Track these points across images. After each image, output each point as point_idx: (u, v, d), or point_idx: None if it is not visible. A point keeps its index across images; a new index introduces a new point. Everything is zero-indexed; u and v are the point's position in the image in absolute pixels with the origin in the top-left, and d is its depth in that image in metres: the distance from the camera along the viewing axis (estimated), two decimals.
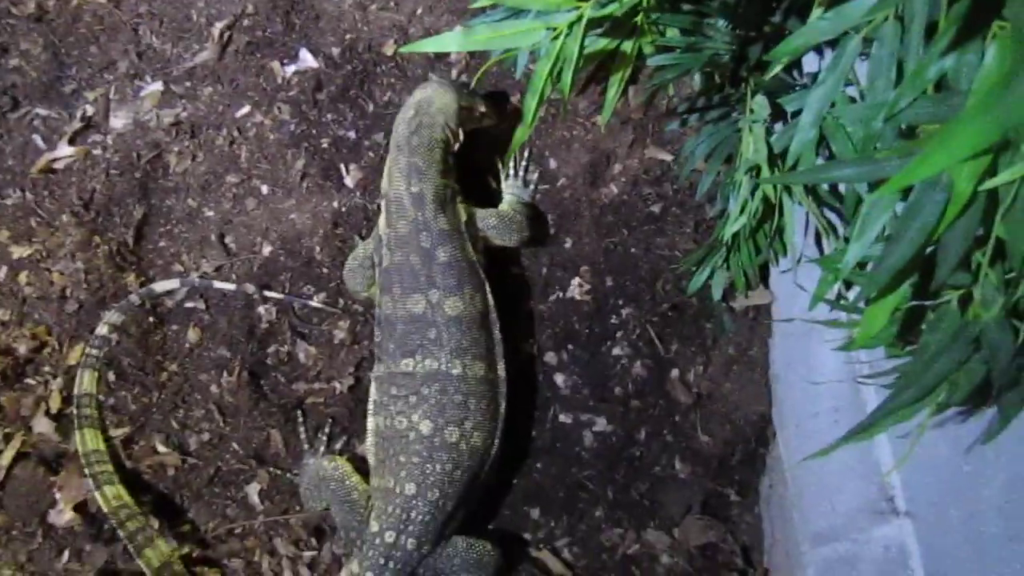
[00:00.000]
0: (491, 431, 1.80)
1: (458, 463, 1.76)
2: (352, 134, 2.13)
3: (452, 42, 1.22)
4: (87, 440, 1.90)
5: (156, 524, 1.96)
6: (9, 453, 1.92)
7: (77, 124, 2.12)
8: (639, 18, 1.50)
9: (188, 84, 2.17)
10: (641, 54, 1.54)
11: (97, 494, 1.85)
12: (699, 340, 1.97)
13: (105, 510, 1.85)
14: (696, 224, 1.97)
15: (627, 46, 1.52)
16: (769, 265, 1.88)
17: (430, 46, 1.22)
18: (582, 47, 1.30)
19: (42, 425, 1.94)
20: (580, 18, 1.30)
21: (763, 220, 1.71)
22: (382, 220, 1.89)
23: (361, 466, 1.89)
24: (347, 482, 1.84)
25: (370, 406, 1.88)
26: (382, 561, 1.74)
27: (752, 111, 1.56)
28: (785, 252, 1.80)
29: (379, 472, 1.82)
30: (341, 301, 2.04)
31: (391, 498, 1.76)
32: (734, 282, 1.90)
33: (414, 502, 1.74)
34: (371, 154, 2.10)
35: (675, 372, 1.97)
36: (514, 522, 1.99)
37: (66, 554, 1.93)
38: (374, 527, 1.76)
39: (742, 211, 1.67)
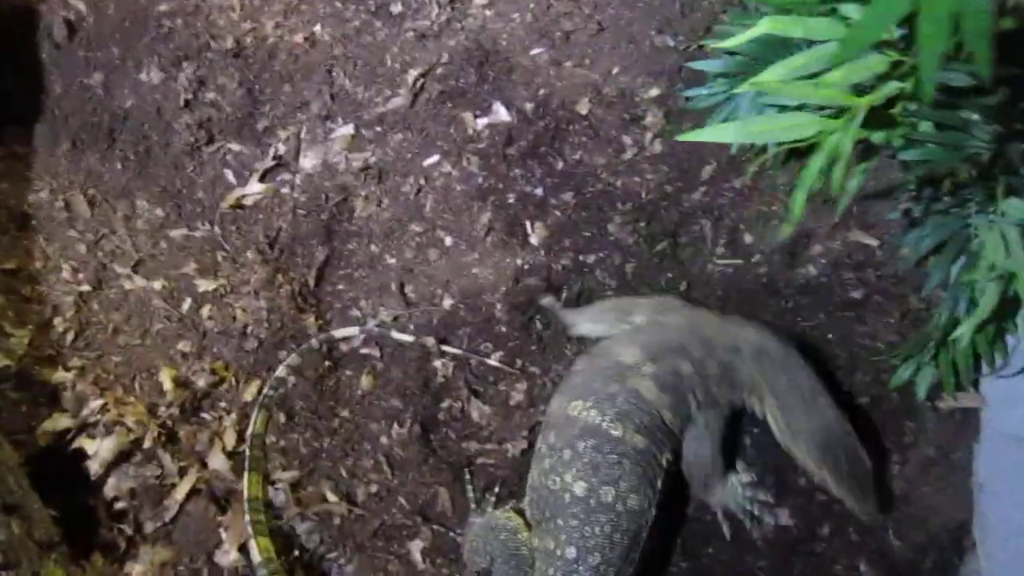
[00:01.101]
0: (647, 495, 1.74)
1: (616, 525, 1.71)
2: (539, 191, 2.14)
3: (730, 133, 1.20)
4: (252, 484, 1.92)
5: (317, 574, 1.96)
6: (184, 487, 1.96)
7: (269, 162, 2.18)
8: (896, 109, 1.46)
9: (379, 129, 2.21)
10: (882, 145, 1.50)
11: (252, 542, 1.87)
12: (895, 438, 1.90)
13: (256, 560, 1.85)
14: (902, 315, 1.91)
15: (878, 136, 1.48)
16: (982, 367, 1.80)
17: (708, 135, 1.21)
18: (855, 142, 1.27)
19: (217, 462, 1.98)
20: (855, 115, 1.27)
21: (987, 322, 1.65)
22: None
23: None
24: (518, 535, 1.83)
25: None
26: None
27: (1003, 213, 1.51)
28: (1006, 355, 1.74)
29: (538, 533, 1.79)
30: (519, 362, 2.03)
31: (551, 560, 1.72)
32: (942, 381, 1.83)
33: (575, 566, 1.70)
34: (557, 213, 2.11)
35: None
36: None
37: None
38: None
39: (971, 312, 1.61)
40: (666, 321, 1.84)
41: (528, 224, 2.13)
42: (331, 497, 2.02)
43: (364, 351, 2.11)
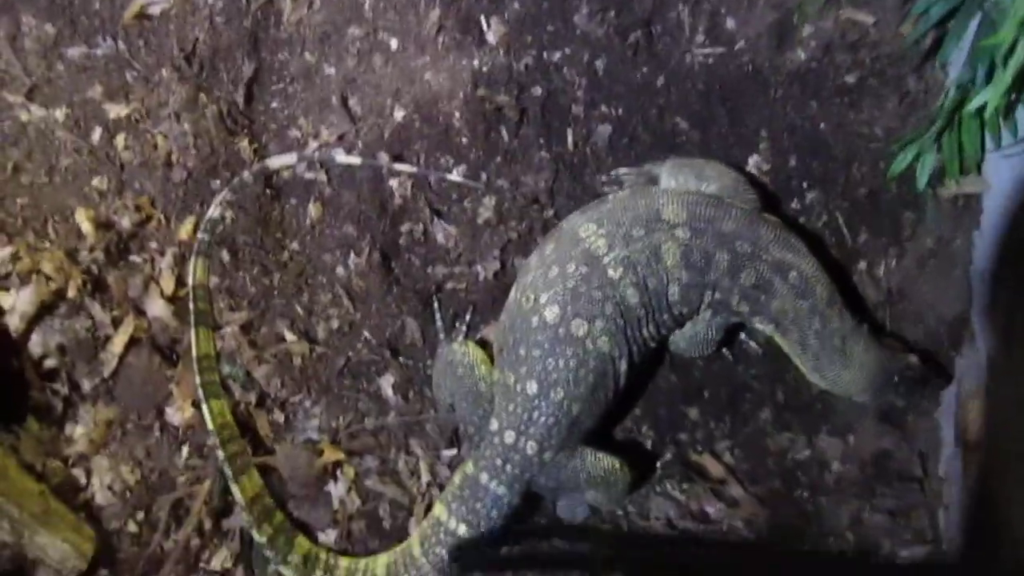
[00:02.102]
0: (620, 347, 1.61)
1: (582, 361, 1.58)
2: None
3: None
4: (200, 341, 1.72)
5: (283, 418, 1.81)
6: (121, 339, 1.77)
7: None
8: None
9: None
10: None
11: (204, 406, 1.69)
12: (894, 230, 1.80)
13: (209, 426, 1.71)
14: (900, 99, 1.77)
15: None
16: (986, 148, 1.68)
17: None
18: None
19: (156, 308, 1.79)
20: None
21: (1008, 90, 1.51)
22: None
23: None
24: (476, 371, 1.69)
25: None
26: (499, 463, 1.63)
27: None
28: (1016, 130, 1.61)
29: (500, 364, 1.65)
30: (484, 175, 1.83)
31: (512, 396, 1.59)
32: (945, 166, 1.71)
33: (536, 402, 1.58)
34: (515, 5, 1.89)
35: (863, 264, 1.82)
36: (671, 421, 1.88)
37: (185, 450, 1.79)
38: (493, 425, 1.63)
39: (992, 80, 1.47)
40: (730, 204, 1.65)
41: (483, 20, 1.89)
42: (288, 336, 1.84)
43: (309, 176, 1.90)
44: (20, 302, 1.70)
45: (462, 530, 1.63)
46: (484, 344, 1.79)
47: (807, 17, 1.74)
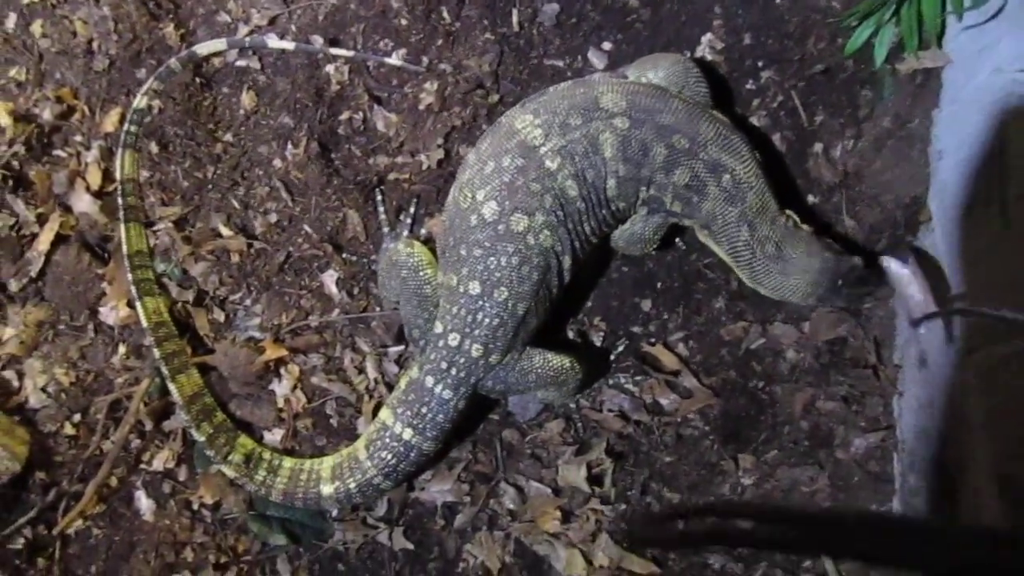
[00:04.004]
0: (563, 241, 1.54)
1: (525, 258, 1.52)
2: None
3: None
4: (132, 238, 1.64)
5: (223, 317, 1.75)
6: (47, 236, 1.69)
7: None
8: None
9: None
10: None
11: (138, 305, 1.62)
12: (851, 110, 1.75)
13: (144, 324, 1.64)
14: None
15: None
16: (946, 20, 1.60)
17: None
18: None
19: (83, 204, 1.71)
20: None
21: None
22: None
23: None
24: (421, 273, 1.62)
25: None
26: (444, 366, 1.58)
27: None
28: (978, 3, 1.54)
29: (442, 265, 1.60)
30: (425, 59, 1.74)
31: (455, 297, 1.54)
32: (903, 40, 1.64)
33: (480, 303, 1.52)
34: None
35: (819, 146, 1.76)
36: (623, 313, 1.84)
37: (122, 349, 1.73)
38: (438, 328, 1.57)
39: None
40: (673, 96, 1.55)
41: None
42: (225, 231, 1.78)
43: (241, 63, 1.81)
44: None
45: (408, 435, 1.60)
46: (429, 241, 1.72)
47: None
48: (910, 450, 1.76)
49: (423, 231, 1.80)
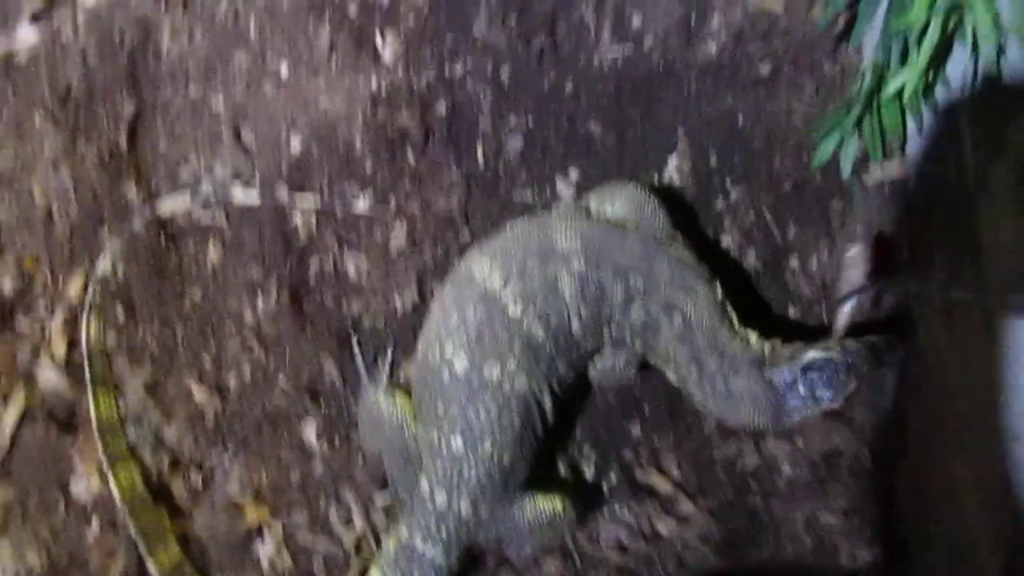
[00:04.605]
0: (539, 383, 1.51)
1: (504, 405, 1.48)
2: None
3: None
4: (101, 407, 1.59)
5: (200, 480, 1.69)
6: (12, 413, 1.64)
7: (38, 2, 1.71)
8: None
9: None
10: None
11: (110, 477, 1.56)
12: (823, 222, 1.73)
13: (117, 497, 1.58)
14: (817, 85, 1.70)
15: None
16: (908, 129, 1.62)
17: None
18: None
19: (48, 376, 1.66)
20: None
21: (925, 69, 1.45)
22: None
23: None
24: (404, 430, 1.57)
25: None
26: (433, 527, 1.52)
27: None
28: (937, 112, 1.55)
29: (421, 419, 1.56)
30: (393, 200, 1.72)
31: (438, 454, 1.50)
32: (868, 151, 1.64)
33: (466, 458, 1.49)
34: (409, 17, 1.77)
35: (795, 261, 1.74)
36: (612, 440, 1.78)
37: (95, 524, 1.65)
38: (423, 486, 1.52)
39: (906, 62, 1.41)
40: (628, 233, 1.54)
41: (377, 36, 1.79)
42: (198, 391, 1.72)
43: (205, 218, 1.77)
44: None
45: None
46: (408, 385, 1.68)
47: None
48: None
49: (402, 376, 1.75)
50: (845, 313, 1.69)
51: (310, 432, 1.76)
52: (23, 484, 1.66)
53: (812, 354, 1.54)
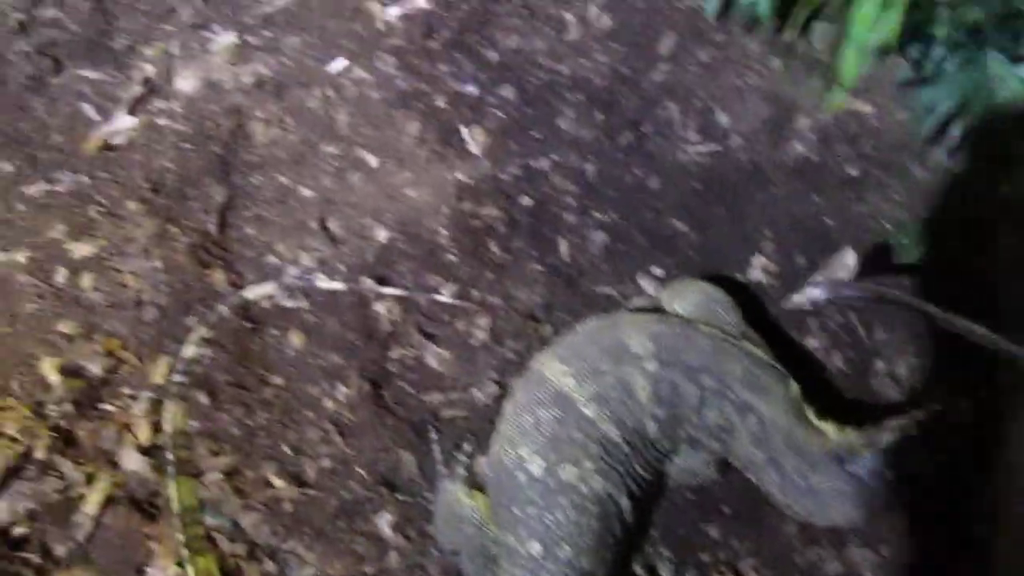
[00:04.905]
0: (615, 484, 1.48)
1: (583, 509, 1.46)
2: (473, 88, 1.82)
3: None
4: (182, 494, 1.59)
5: (275, 569, 1.67)
6: (95, 498, 1.63)
7: (136, 89, 1.78)
8: None
9: (267, 33, 1.84)
10: None
11: (189, 567, 1.55)
12: (910, 326, 1.68)
13: None
14: (906, 188, 1.67)
15: None
16: None
17: None
18: None
19: (132, 461, 1.65)
20: None
21: None
22: None
23: None
24: (485, 530, 1.55)
25: None
26: None
27: None
28: None
29: (497, 520, 1.53)
30: (476, 293, 1.72)
31: (516, 558, 1.47)
32: None
33: (543, 562, 1.45)
34: (497, 112, 1.80)
35: (880, 364, 1.71)
36: (690, 542, 1.73)
37: None
38: None
39: None
40: (700, 332, 1.53)
41: (465, 130, 1.81)
42: (277, 482, 1.71)
43: (289, 305, 1.78)
44: None
45: None
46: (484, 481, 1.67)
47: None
48: None
49: (480, 471, 1.74)
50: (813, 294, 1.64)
51: (385, 524, 1.74)
52: (101, 569, 1.65)
53: (888, 435, 1.51)
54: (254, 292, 1.75)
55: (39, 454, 1.63)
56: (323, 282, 1.76)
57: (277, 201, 1.82)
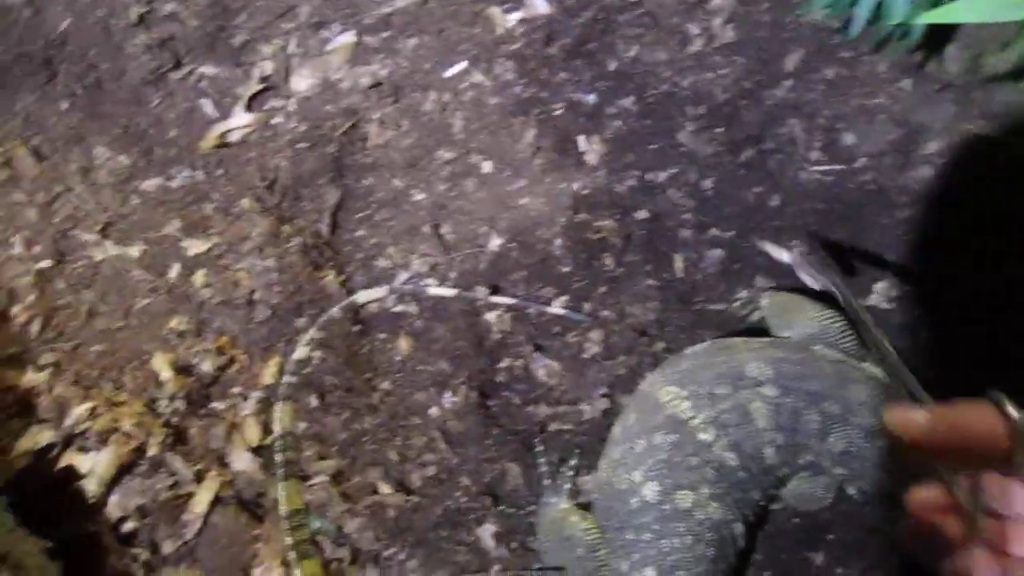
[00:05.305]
0: (732, 510, 1.45)
1: (699, 536, 1.42)
2: (592, 98, 1.78)
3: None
4: (291, 496, 1.58)
5: (376, 575, 1.66)
6: (205, 497, 1.62)
7: (254, 86, 1.77)
8: None
9: (386, 34, 1.81)
10: None
11: (297, 570, 1.55)
12: None
13: None
14: None
15: None
16: None
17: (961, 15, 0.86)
18: None
19: (242, 462, 1.64)
20: None
21: None
22: None
23: None
24: (597, 553, 1.51)
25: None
26: None
27: None
28: None
29: (607, 545, 1.50)
30: (588, 306, 1.70)
31: None
32: None
33: None
34: (616, 123, 1.77)
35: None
36: (794, 569, 1.69)
37: None
38: None
39: None
40: (820, 357, 1.49)
41: (582, 139, 1.78)
42: (384, 488, 1.70)
43: (398, 309, 1.76)
44: (99, 465, 1.57)
45: None
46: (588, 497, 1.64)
47: None
48: None
49: (586, 484, 1.71)
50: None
51: (488, 535, 1.72)
52: (208, 567, 1.65)
53: None
54: (366, 296, 1.73)
55: (152, 451, 1.62)
56: (434, 288, 1.74)
57: (389, 204, 1.80)
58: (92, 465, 1.57)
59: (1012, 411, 0.54)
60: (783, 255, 1.62)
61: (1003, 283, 1.69)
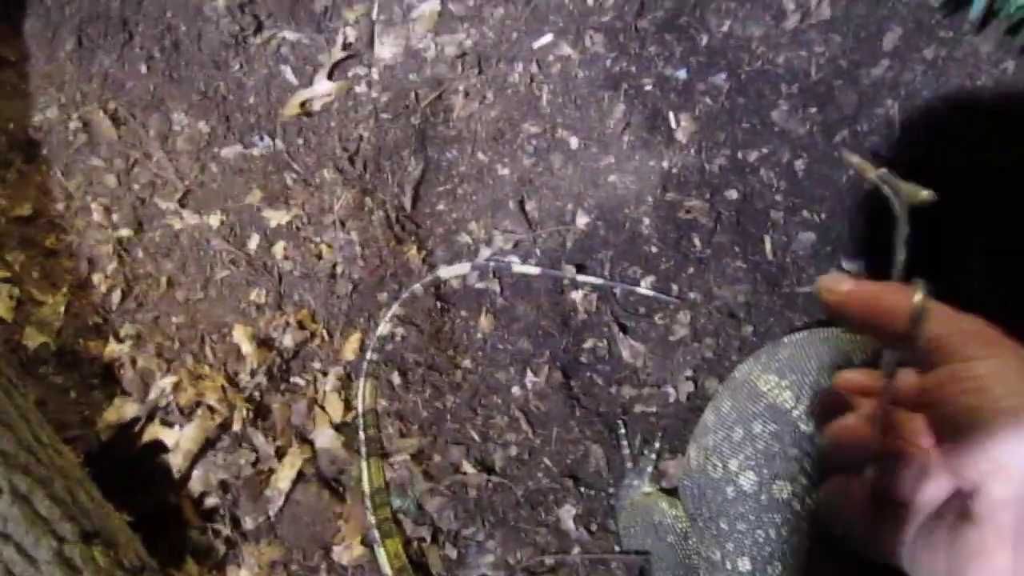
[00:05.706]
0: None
1: (795, 528, 1.39)
2: (683, 73, 1.73)
3: None
4: (373, 475, 1.55)
5: (455, 554, 1.63)
6: (287, 473, 1.59)
7: (337, 53, 1.71)
8: None
9: (471, 3, 1.74)
10: None
11: (380, 549, 1.53)
12: None
13: (386, 570, 1.57)
14: None
15: None
16: None
17: None
18: None
19: (324, 439, 1.60)
20: None
21: None
22: None
23: None
24: (688, 541, 1.49)
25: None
26: None
27: None
28: None
29: (698, 533, 1.47)
30: (675, 287, 1.66)
31: (720, 573, 1.42)
32: None
33: None
34: (707, 100, 1.72)
35: None
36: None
37: None
38: None
39: None
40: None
41: (672, 116, 1.73)
42: (467, 467, 1.66)
43: (480, 286, 1.72)
44: (184, 439, 1.53)
45: None
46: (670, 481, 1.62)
47: None
48: None
49: (668, 467, 1.68)
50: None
51: (568, 516, 1.69)
52: (289, 544, 1.63)
53: None
54: (448, 272, 1.69)
55: (236, 426, 1.59)
56: (519, 266, 1.70)
57: (473, 178, 1.75)
58: (178, 439, 1.54)
59: (917, 295, 0.55)
60: (868, 171, 1.58)
61: None
